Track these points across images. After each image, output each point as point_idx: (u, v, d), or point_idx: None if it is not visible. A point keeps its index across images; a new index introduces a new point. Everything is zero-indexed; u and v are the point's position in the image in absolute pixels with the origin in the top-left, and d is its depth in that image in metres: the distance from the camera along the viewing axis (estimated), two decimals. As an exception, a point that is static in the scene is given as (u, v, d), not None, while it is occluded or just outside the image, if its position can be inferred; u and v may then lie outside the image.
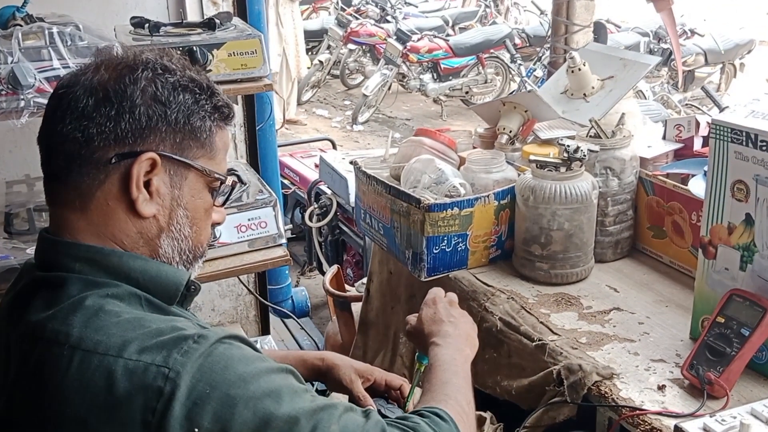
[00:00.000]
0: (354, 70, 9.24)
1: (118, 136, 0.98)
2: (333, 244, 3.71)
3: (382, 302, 2.16)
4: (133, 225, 1.01)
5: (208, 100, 1.05)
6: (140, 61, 1.02)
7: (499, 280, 1.83)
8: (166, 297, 1.03)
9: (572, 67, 2.08)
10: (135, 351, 0.89)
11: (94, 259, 0.99)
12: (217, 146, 1.07)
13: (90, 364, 0.89)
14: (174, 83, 1.02)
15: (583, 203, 1.74)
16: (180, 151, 1.02)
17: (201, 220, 1.08)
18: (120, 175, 0.99)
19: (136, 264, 1.01)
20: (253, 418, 0.89)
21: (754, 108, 1.39)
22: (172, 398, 0.87)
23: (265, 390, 0.91)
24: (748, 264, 1.40)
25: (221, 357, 0.91)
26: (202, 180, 1.06)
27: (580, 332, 1.59)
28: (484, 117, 2.21)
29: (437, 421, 1.06)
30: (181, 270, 1.07)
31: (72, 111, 0.98)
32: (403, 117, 8.51)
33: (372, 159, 2.16)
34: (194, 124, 1.03)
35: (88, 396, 0.88)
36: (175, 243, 1.05)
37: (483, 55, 8.16)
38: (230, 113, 1.10)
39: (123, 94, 0.98)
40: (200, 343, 0.91)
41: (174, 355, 0.89)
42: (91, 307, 0.94)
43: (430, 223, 1.78)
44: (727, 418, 1.20)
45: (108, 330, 0.91)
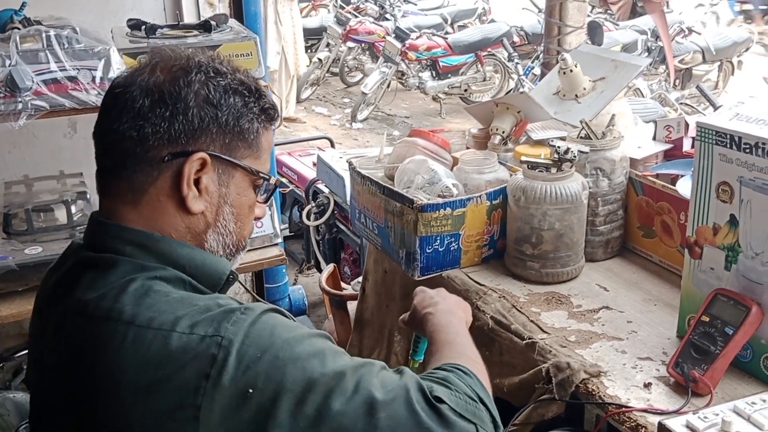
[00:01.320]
0: (353, 68, 9.26)
1: (171, 136, 1.03)
2: (330, 243, 3.73)
3: (377, 301, 2.19)
4: (182, 220, 1.07)
5: (256, 102, 1.10)
6: (194, 63, 1.06)
7: (491, 280, 1.85)
8: (210, 285, 1.08)
9: (564, 68, 2.11)
10: (187, 325, 0.95)
11: (145, 244, 1.04)
12: (262, 146, 1.13)
13: (144, 338, 0.94)
14: (225, 86, 1.07)
15: (574, 203, 1.77)
16: (228, 151, 1.08)
17: (245, 216, 1.14)
18: (172, 173, 1.04)
19: (184, 251, 1.06)
20: (302, 375, 0.95)
21: (739, 111, 1.41)
22: (225, 363, 0.92)
23: (309, 351, 0.97)
24: (732, 264, 1.42)
25: (266, 324, 0.97)
26: (247, 179, 1.11)
27: (569, 331, 1.62)
28: (478, 117, 2.23)
29: (460, 374, 1.09)
30: (223, 259, 1.12)
31: (128, 110, 1.03)
32: (402, 115, 8.54)
33: (367, 159, 2.19)
34: (243, 125, 1.08)
35: (144, 367, 0.93)
36: (220, 238, 1.11)
37: (482, 53, 8.17)
38: (276, 115, 1.16)
39: (177, 96, 1.03)
40: (247, 314, 0.97)
41: (224, 325, 0.95)
42: (140, 287, 0.99)
43: (423, 223, 1.81)
44: (709, 416, 1.23)
45: (159, 307, 0.97)
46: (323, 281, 2.64)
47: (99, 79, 1.83)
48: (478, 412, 1.03)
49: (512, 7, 10.00)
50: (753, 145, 1.34)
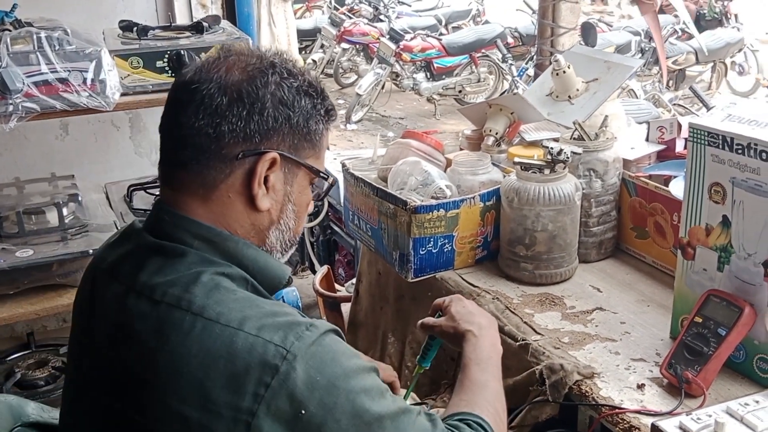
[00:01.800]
0: (347, 69, 9.25)
1: (246, 134, 1.05)
2: (325, 244, 3.73)
3: (371, 303, 2.18)
4: (248, 216, 1.09)
5: (322, 103, 1.13)
6: (268, 63, 1.08)
7: (485, 281, 1.85)
8: (270, 287, 1.10)
9: (557, 69, 2.11)
10: (254, 327, 0.96)
11: (213, 240, 1.06)
12: (323, 146, 1.16)
13: (212, 332, 0.95)
14: (297, 87, 1.09)
15: (567, 204, 1.77)
16: (295, 151, 1.10)
17: (303, 213, 1.16)
18: (244, 171, 1.06)
19: (249, 252, 1.08)
20: (351, 409, 0.97)
21: (731, 112, 1.41)
22: (287, 378, 0.93)
23: (362, 386, 0.99)
24: (725, 265, 1.42)
25: (329, 348, 0.99)
26: (308, 177, 1.14)
27: (562, 332, 1.62)
28: (471, 119, 2.23)
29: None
30: (284, 265, 1.15)
31: (206, 107, 1.04)
32: (396, 116, 8.53)
33: (360, 161, 2.18)
34: (311, 127, 1.11)
35: (207, 360, 0.94)
36: (281, 235, 1.13)
37: (476, 54, 8.17)
38: (335, 115, 1.18)
39: (255, 96, 1.05)
40: (312, 331, 0.98)
41: (290, 338, 0.96)
42: (210, 281, 1.00)
43: (416, 224, 1.80)
44: (702, 417, 1.23)
45: (228, 304, 0.98)
46: (317, 283, 2.63)
47: (90, 81, 1.82)
48: None
49: (506, 9, 10.01)
50: (745, 146, 1.34)
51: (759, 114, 1.37)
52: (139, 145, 2.60)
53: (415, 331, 1.93)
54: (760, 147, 1.31)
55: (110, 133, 2.58)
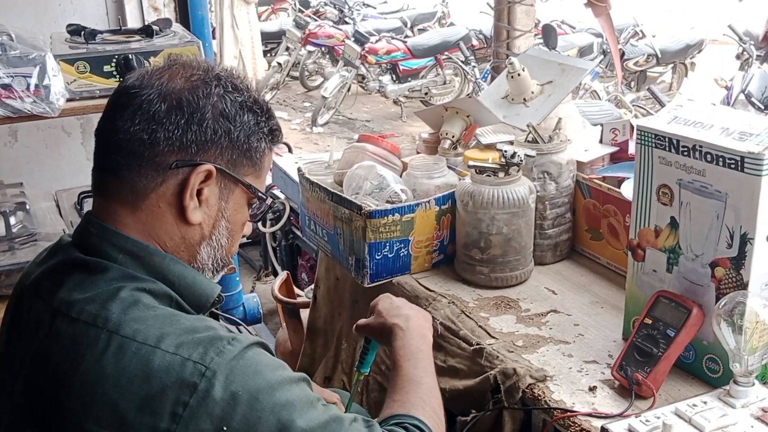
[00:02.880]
0: (313, 72, 9.22)
1: (182, 144, 1.03)
2: (287, 249, 3.70)
3: (330, 309, 2.16)
4: (179, 229, 1.07)
5: (266, 122, 1.12)
6: (213, 76, 1.07)
7: (441, 285, 1.84)
8: (196, 306, 1.07)
9: (512, 72, 2.11)
10: (172, 344, 0.93)
11: (139, 255, 1.03)
12: (264, 166, 1.14)
13: (127, 350, 0.93)
14: (241, 103, 1.07)
15: (521, 207, 1.77)
16: (233, 167, 1.08)
17: (237, 232, 1.14)
18: (176, 181, 1.04)
19: (176, 268, 1.05)
20: (276, 424, 0.95)
21: (677, 113, 1.42)
22: (206, 395, 0.91)
23: (288, 399, 0.97)
24: (674, 266, 1.43)
25: (252, 362, 0.96)
26: (245, 196, 1.12)
27: (517, 335, 1.62)
28: (428, 122, 2.23)
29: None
30: (213, 283, 1.12)
31: (143, 112, 1.02)
32: (363, 118, 8.52)
33: (317, 165, 2.16)
34: (252, 144, 1.09)
35: (123, 380, 0.91)
36: (212, 251, 1.11)
37: (441, 57, 8.20)
38: (280, 136, 1.17)
39: (195, 106, 1.04)
40: (234, 345, 0.96)
41: (210, 354, 0.93)
42: (129, 296, 0.98)
43: (371, 229, 1.79)
44: (651, 419, 1.23)
45: (146, 321, 0.95)
46: (276, 289, 2.61)
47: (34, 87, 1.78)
48: None
49: (471, 11, 10.05)
50: (690, 148, 1.35)
51: (704, 116, 1.38)
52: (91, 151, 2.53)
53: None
54: (705, 149, 1.32)
55: (61, 139, 2.52)
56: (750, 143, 1.27)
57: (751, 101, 5.35)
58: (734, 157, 1.27)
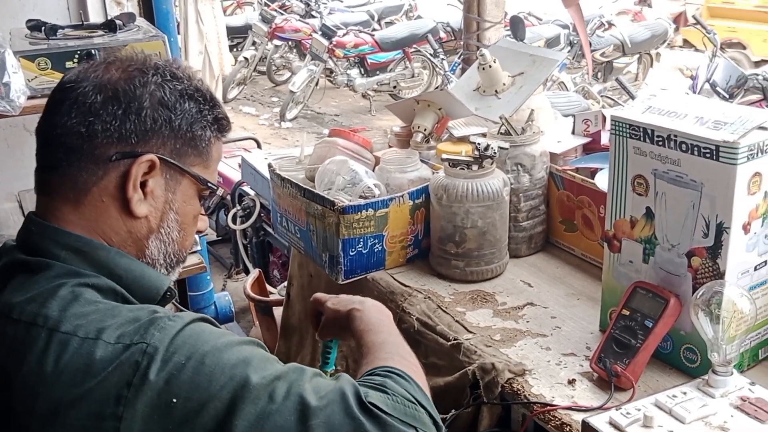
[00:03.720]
0: (280, 67, 9.15)
1: (122, 135, 1.01)
2: (258, 246, 3.65)
3: (304, 306, 2.13)
4: (124, 223, 1.04)
5: (210, 110, 1.09)
6: (150, 65, 1.05)
7: (417, 280, 1.83)
8: (145, 299, 1.04)
9: (483, 64, 2.10)
10: (113, 335, 0.91)
11: (82, 250, 1.00)
12: (212, 156, 1.11)
13: (69, 347, 0.90)
14: (181, 91, 1.05)
15: (495, 200, 1.75)
16: (178, 157, 1.06)
17: (188, 225, 1.11)
18: (118, 174, 1.02)
19: (122, 261, 1.03)
20: (230, 382, 0.91)
21: (651, 103, 1.42)
22: (148, 371, 0.88)
23: (239, 357, 0.93)
24: (650, 257, 1.43)
25: (195, 332, 0.93)
26: (194, 187, 1.10)
27: (494, 329, 1.61)
28: (399, 115, 2.20)
29: (396, 378, 1.05)
30: (163, 275, 1.09)
31: (79, 106, 1.00)
32: (332, 113, 8.48)
33: (287, 161, 2.13)
34: (195, 132, 1.07)
35: (65, 377, 0.89)
36: (162, 245, 1.08)
37: (409, 50, 8.19)
38: (228, 126, 1.14)
39: (132, 95, 1.01)
40: (175, 320, 0.93)
41: (151, 331, 0.91)
42: (69, 293, 0.95)
43: (345, 225, 1.76)
44: (632, 411, 1.22)
45: (87, 315, 0.93)
46: (248, 287, 2.57)
47: (-8, 84, 1.72)
48: (418, 415, 1.00)
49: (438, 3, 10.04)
50: (665, 138, 1.34)
51: (678, 105, 1.38)
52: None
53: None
54: (680, 138, 1.32)
55: (23, 138, 2.45)
56: (724, 132, 1.26)
57: (716, 90, 5.42)
58: (709, 146, 1.27)
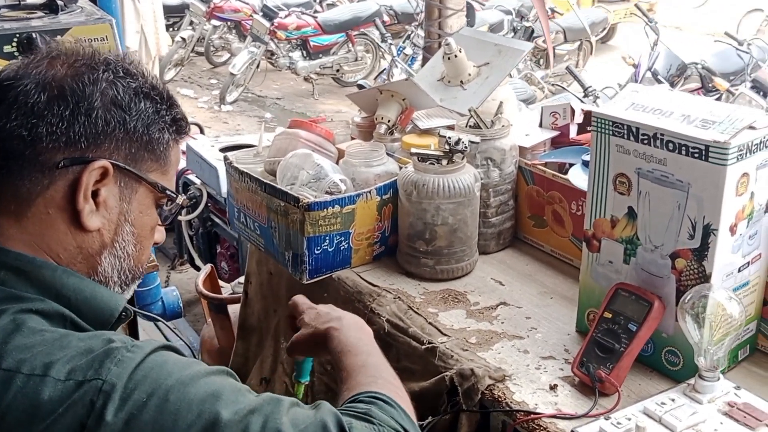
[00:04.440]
0: (219, 48, 8.90)
1: (70, 139, 0.91)
2: (205, 237, 3.52)
3: (264, 305, 2.04)
4: (74, 238, 0.93)
5: (168, 111, 1.00)
6: (100, 60, 0.96)
7: (385, 279, 1.75)
8: (98, 322, 0.93)
9: (448, 53, 2.03)
10: (63, 370, 0.81)
11: (24, 270, 0.89)
12: (171, 161, 1.02)
13: (12, 385, 0.80)
14: (136, 89, 0.96)
15: (467, 196, 1.70)
16: (134, 163, 0.96)
17: (145, 238, 1.02)
18: (66, 182, 0.91)
19: (71, 281, 0.92)
20: (198, 420, 0.82)
21: (634, 100, 1.37)
22: (104, 411, 0.79)
23: (207, 391, 0.84)
24: (631, 257, 1.39)
25: (157, 363, 0.84)
26: (151, 196, 1.00)
27: (469, 331, 1.55)
28: (361, 105, 2.11)
29: (381, 405, 0.98)
30: (117, 294, 0.99)
31: (20, 106, 0.90)
32: (273, 96, 8.30)
33: (244, 153, 2.02)
34: (152, 135, 0.98)
35: (8, 421, 0.79)
36: (116, 261, 0.98)
37: (352, 33, 8.07)
38: (187, 127, 1.04)
39: (81, 94, 0.91)
40: (134, 351, 0.84)
41: (107, 366, 0.81)
42: (9, 322, 0.84)
43: (310, 222, 1.67)
44: (622, 420, 1.19)
45: (32, 348, 0.83)
46: (200, 284, 2.45)
47: None
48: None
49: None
50: (651, 136, 1.30)
51: (663, 102, 1.34)
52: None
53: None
54: (667, 137, 1.28)
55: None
56: (714, 131, 1.23)
57: (657, 78, 5.51)
58: (698, 145, 1.23)
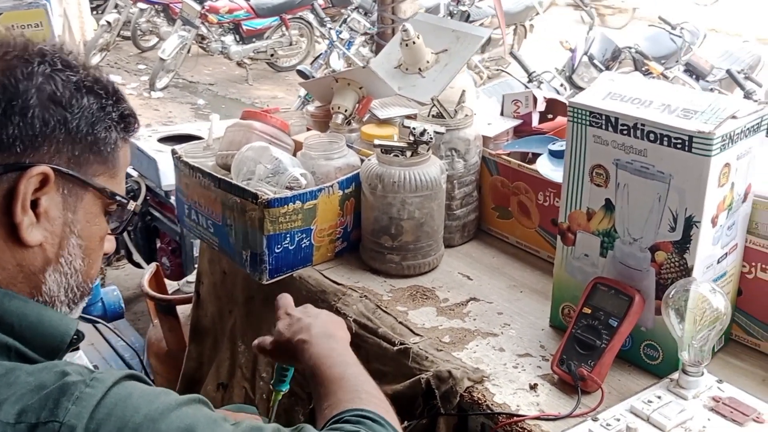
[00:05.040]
0: (147, 32, 8.58)
1: (3, 143, 0.81)
2: (144, 232, 3.36)
3: (218, 306, 1.93)
4: (12, 255, 0.83)
5: (114, 106, 0.90)
6: (34, 51, 0.85)
7: (349, 277, 1.68)
8: (47, 350, 0.83)
9: (406, 40, 1.96)
10: (12, 412, 0.72)
11: None
12: (119, 163, 0.92)
13: None
14: (77, 83, 0.86)
15: (433, 189, 1.64)
16: (78, 167, 0.86)
17: (94, 250, 0.92)
18: (1, 192, 0.81)
19: (13, 305, 0.81)
20: None
21: (612, 89, 1.34)
22: None
23: (180, 426, 0.77)
24: (608, 250, 1.36)
25: (121, 398, 0.76)
26: (99, 202, 0.90)
27: (441, 330, 1.50)
28: (315, 94, 2.03)
29: (370, 424, 0.91)
30: (67, 316, 0.89)
31: None
32: (205, 82, 8.06)
33: (193, 146, 1.90)
34: (98, 134, 0.88)
35: None
36: (62, 278, 0.88)
37: (286, 16, 7.89)
38: (136, 124, 0.94)
39: (14, 91, 0.81)
40: (94, 386, 0.75)
41: (64, 405, 0.72)
42: None
43: (270, 219, 1.58)
44: (611, 422, 1.15)
45: None
46: (146, 284, 2.32)
47: None
48: None
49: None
50: (631, 127, 1.26)
51: (641, 91, 1.31)
52: None
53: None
54: (648, 127, 1.24)
55: None
56: (697, 121, 1.20)
57: (594, 63, 5.58)
58: (681, 136, 1.20)
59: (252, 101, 7.43)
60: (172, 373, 2.18)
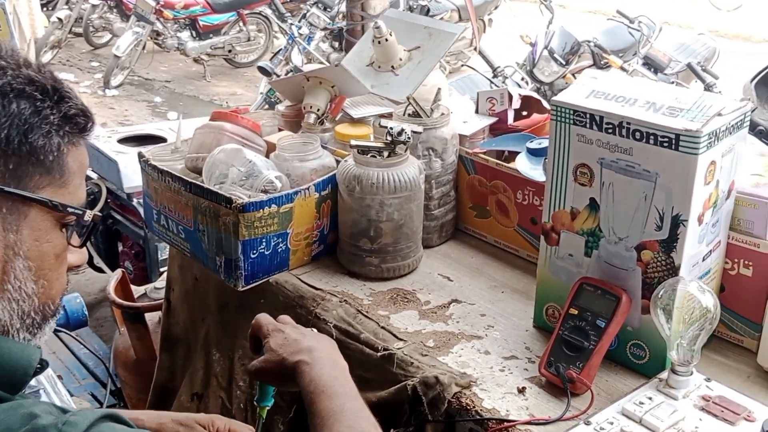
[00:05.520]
0: (99, 28, 8.37)
1: None
2: (105, 235, 3.27)
3: (190, 314, 1.87)
4: None
5: (54, 107, 0.81)
6: None
7: (327, 281, 1.64)
8: (9, 384, 0.76)
9: (379, 37, 1.92)
10: None
11: None
12: (69, 169, 0.83)
13: None
14: (2, 87, 0.77)
15: (412, 190, 1.61)
16: (15, 182, 0.78)
17: (50, 270, 0.83)
18: None
19: None
20: None
21: (595, 87, 1.32)
22: None
23: None
24: (593, 250, 1.35)
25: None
26: (49, 217, 0.82)
27: (425, 334, 1.47)
28: (286, 93, 1.98)
29: None
30: (29, 345, 0.81)
31: None
32: (162, 79, 7.89)
33: (161, 149, 1.84)
34: (35, 142, 0.79)
35: None
36: (13, 306, 0.80)
37: (244, 11, 7.78)
38: (87, 123, 0.85)
39: None
40: (68, 430, 0.69)
41: None
42: None
43: (245, 224, 1.54)
44: (604, 425, 1.14)
45: None
46: (111, 292, 2.24)
47: None
48: None
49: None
50: (616, 125, 1.25)
51: (625, 89, 1.29)
52: None
53: (245, 345, 1.66)
54: (633, 126, 1.23)
55: None
56: (683, 119, 1.19)
57: (554, 57, 5.61)
58: (668, 134, 1.19)
59: (210, 98, 7.30)
60: (142, 383, 2.11)
